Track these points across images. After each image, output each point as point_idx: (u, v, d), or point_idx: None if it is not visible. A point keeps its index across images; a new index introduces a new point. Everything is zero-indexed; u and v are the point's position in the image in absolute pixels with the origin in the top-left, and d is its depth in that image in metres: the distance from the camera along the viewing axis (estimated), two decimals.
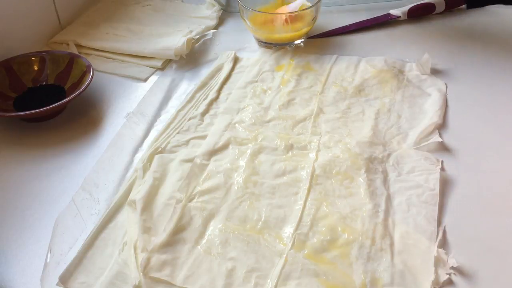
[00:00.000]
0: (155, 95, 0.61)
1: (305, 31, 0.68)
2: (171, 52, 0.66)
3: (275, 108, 0.57)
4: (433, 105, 0.56)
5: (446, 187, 0.47)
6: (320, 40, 0.72)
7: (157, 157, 0.50)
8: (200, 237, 0.42)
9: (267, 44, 0.70)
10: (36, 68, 0.61)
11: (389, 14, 0.76)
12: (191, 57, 0.68)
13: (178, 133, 0.54)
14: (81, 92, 0.55)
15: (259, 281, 0.39)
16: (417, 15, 0.76)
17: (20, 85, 0.60)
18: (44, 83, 0.61)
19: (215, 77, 0.64)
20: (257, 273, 0.39)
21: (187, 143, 0.53)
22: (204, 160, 0.50)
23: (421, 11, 0.76)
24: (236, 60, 0.67)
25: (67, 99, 0.54)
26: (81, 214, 0.45)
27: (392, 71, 0.62)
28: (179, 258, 0.40)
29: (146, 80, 0.65)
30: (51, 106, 0.53)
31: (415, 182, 0.47)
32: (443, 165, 0.49)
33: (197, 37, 0.71)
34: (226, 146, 0.52)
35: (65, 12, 0.74)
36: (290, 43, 0.69)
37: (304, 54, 0.68)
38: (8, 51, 0.62)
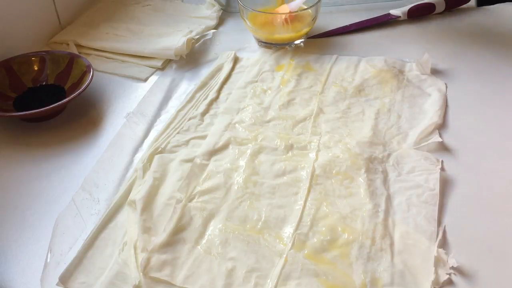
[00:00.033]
0: (155, 95, 0.61)
1: (305, 31, 0.68)
2: (171, 52, 0.66)
3: (275, 108, 0.57)
4: (433, 105, 0.56)
5: (446, 187, 0.47)
6: (320, 40, 0.72)
7: (157, 157, 0.50)
8: (200, 237, 0.42)
9: (267, 44, 0.70)
10: (36, 68, 0.61)
11: (389, 14, 0.76)
12: (191, 57, 0.68)
13: (178, 133, 0.54)
14: (81, 92, 0.55)
15: (259, 281, 0.39)
16: (417, 15, 0.76)
17: (20, 85, 0.60)
18: (44, 83, 0.61)
19: (215, 77, 0.64)
20: (257, 273, 0.39)
21: (187, 143, 0.53)
22: (204, 160, 0.50)
23: (421, 11, 0.76)
24: (236, 60, 0.67)
25: (67, 99, 0.54)
26: (81, 214, 0.45)
27: (392, 71, 0.62)
28: (179, 258, 0.40)
29: (146, 80, 0.65)
30: (51, 106, 0.53)
31: (415, 182, 0.47)
32: (443, 165, 0.49)
33: (197, 37, 0.71)
34: (226, 146, 0.52)
35: (65, 12, 0.74)
36: (290, 43, 0.69)
37: (304, 54, 0.68)
38: (8, 51, 0.62)
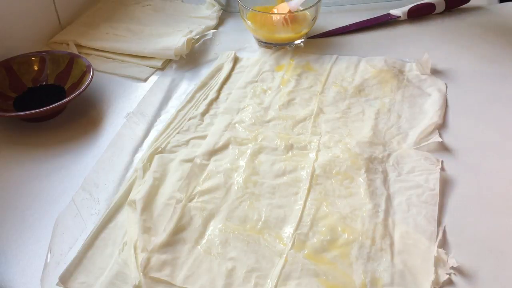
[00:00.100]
0: (155, 95, 0.61)
1: (305, 31, 0.68)
2: (171, 52, 0.66)
3: (275, 108, 0.57)
4: (433, 105, 0.56)
5: (446, 187, 0.47)
6: (320, 40, 0.72)
7: (157, 157, 0.50)
8: (200, 237, 0.42)
9: (267, 44, 0.70)
10: (36, 68, 0.61)
11: (389, 14, 0.76)
12: (191, 57, 0.68)
13: (178, 133, 0.54)
14: (81, 92, 0.55)
15: (259, 281, 0.39)
16: (417, 15, 0.76)
17: (20, 85, 0.60)
18: (44, 83, 0.61)
19: (215, 77, 0.64)
20: (257, 273, 0.39)
21: (187, 143, 0.53)
22: (204, 160, 0.50)
23: (421, 11, 0.76)
24: (236, 60, 0.67)
25: (67, 99, 0.54)
26: (81, 214, 0.45)
27: (392, 71, 0.62)
28: (179, 258, 0.40)
29: (146, 80, 0.65)
30: (51, 106, 0.53)
31: (415, 182, 0.47)
32: (443, 165, 0.49)
33: (197, 37, 0.71)
34: (226, 146, 0.52)
35: (65, 12, 0.74)
36: (290, 43, 0.69)
37: (304, 54, 0.68)
38: (8, 51, 0.62)
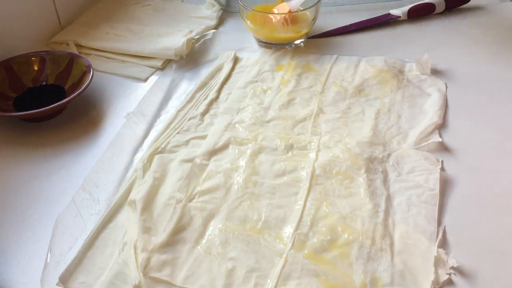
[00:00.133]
0: (155, 95, 0.61)
1: (305, 31, 0.68)
2: (171, 52, 0.66)
3: (275, 108, 0.57)
4: (433, 105, 0.56)
5: (446, 187, 0.47)
6: (320, 40, 0.72)
7: (157, 157, 0.50)
8: (200, 237, 0.42)
9: (267, 44, 0.70)
10: (36, 68, 0.61)
11: (389, 14, 0.76)
12: (191, 57, 0.68)
13: (178, 133, 0.54)
14: (81, 92, 0.55)
15: (259, 281, 0.39)
16: (417, 15, 0.76)
17: (20, 85, 0.60)
18: (44, 83, 0.61)
19: (215, 77, 0.64)
20: (257, 273, 0.39)
21: (187, 143, 0.53)
22: (204, 160, 0.50)
23: (421, 11, 0.76)
24: (236, 60, 0.67)
25: (67, 99, 0.54)
26: (81, 214, 0.45)
27: (392, 71, 0.62)
28: (179, 258, 0.40)
29: (146, 80, 0.65)
30: (51, 106, 0.53)
31: (415, 182, 0.47)
32: (443, 165, 0.49)
33: (197, 37, 0.71)
34: (226, 146, 0.52)
35: (65, 12, 0.74)
36: (290, 43, 0.69)
37: (304, 54, 0.68)
38: (8, 51, 0.62)
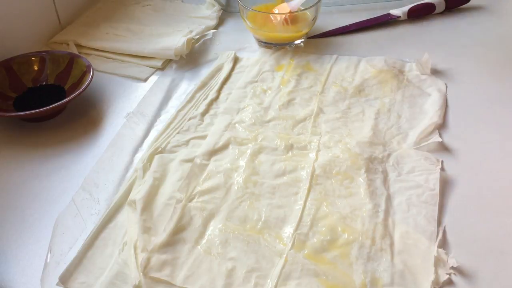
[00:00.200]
0: (155, 95, 0.61)
1: (305, 31, 0.68)
2: (171, 52, 0.66)
3: (275, 108, 0.57)
4: (433, 105, 0.56)
5: (446, 187, 0.47)
6: (320, 40, 0.72)
7: (157, 157, 0.50)
8: (200, 237, 0.42)
9: (267, 44, 0.70)
10: (36, 68, 0.61)
11: (389, 14, 0.76)
12: (191, 57, 0.68)
13: (178, 133, 0.54)
14: (81, 92, 0.55)
15: (259, 281, 0.39)
16: (417, 15, 0.76)
17: (20, 85, 0.60)
18: (44, 83, 0.61)
19: (215, 77, 0.64)
20: (257, 273, 0.39)
21: (187, 143, 0.53)
22: (204, 160, 0.50)
23: (421, 11, 0.76)
24: (236, 60, 0.67)
25: (67, 99, 0.54)
26: (81, 214, 0.45)
27: (392, 71, 0.62)
28: (179, 258, 0.40)
29: (146, 80, 0.65)
30: (51, 106, 0.53)
31: (415, 182, 0.47)
32: (443, 165, 0.49)
33: (197, 37, 0.71)
34: (226, 146, 0.52)
35: (65, 12, 0.74)
36: (290, 43, 0.69)
37: (304, 54, 0.68)
38: (8, 51, 0.62)
